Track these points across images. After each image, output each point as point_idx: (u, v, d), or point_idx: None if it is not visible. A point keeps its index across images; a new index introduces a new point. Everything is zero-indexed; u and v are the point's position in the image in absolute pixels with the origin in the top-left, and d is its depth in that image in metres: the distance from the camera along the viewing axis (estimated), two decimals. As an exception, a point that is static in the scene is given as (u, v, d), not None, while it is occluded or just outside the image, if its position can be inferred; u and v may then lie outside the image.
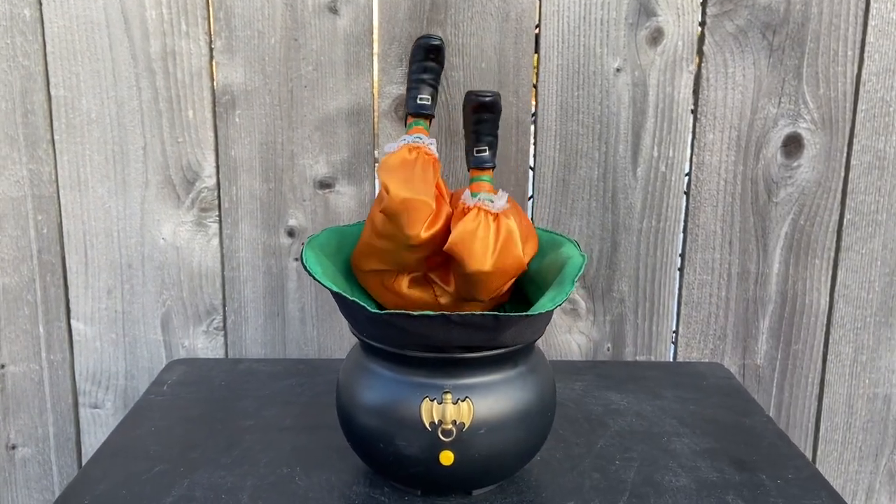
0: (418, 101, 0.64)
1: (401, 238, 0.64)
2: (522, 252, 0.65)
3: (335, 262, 0.68)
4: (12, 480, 1.01)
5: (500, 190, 0.67)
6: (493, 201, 0.65)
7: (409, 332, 0.57)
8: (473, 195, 0.66)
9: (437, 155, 0.65)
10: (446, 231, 0.65)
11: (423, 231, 0.63)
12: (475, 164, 0.68)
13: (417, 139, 0.65)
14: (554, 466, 0.69)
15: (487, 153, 0.68)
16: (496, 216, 0.64)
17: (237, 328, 0.98)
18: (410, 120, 0.68)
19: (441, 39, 0.69)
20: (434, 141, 0.66)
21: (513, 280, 0.68)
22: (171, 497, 0.63)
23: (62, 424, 1.00)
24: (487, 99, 0.67)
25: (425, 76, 0.65)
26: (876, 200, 0.95)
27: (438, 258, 0.69)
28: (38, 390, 0.99)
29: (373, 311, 0.57)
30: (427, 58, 0.68)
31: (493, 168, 0.69)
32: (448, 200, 0.67)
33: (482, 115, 0.67)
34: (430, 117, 0.69)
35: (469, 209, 0.64)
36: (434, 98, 0.69)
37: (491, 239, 0.63)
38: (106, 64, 0.91)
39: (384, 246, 0.66)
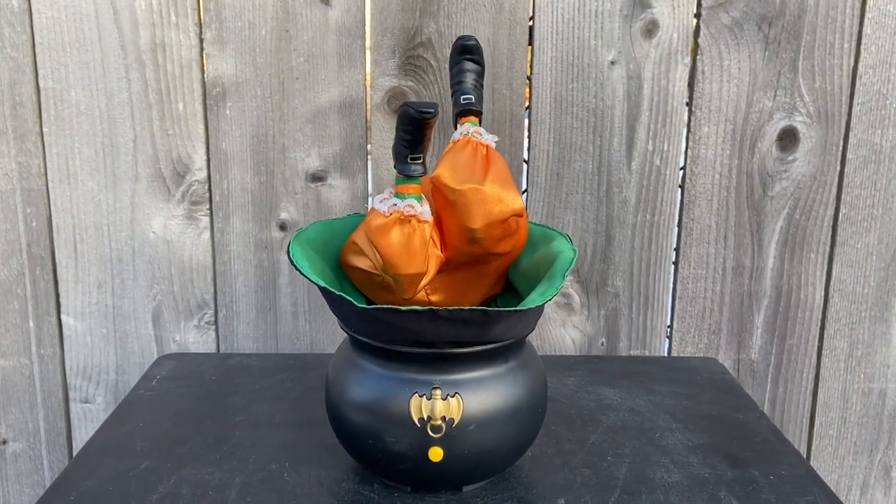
0: (409, 163, 0.63)
1: (397, 292, 0.65)
2: (518, 195, 0.65)
3: (324, 257, 0.68)
4: (3, 475, 1.01)
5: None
6: (481, 134, 0.66)
7: (398, 328, 0.57)
8: (461, 127, 0.67)
9: (430, 220, 0.64)
10: (437, 272, 0.66)
11: (417, 291, 0.65)
12: (462, 109, 0.68)
13: (409, 207, 0.63)
14: (545, 462, 0.69)
15: (473, 98, 0.69)
16: (486, 147, 0.65)
17: (229, 322, 0.97)
18: (400, 175, 0.65)
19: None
20: (427, 207, 0.64)
21: (511, 230, 0.65)
22: (158, 493, 0.62)
23: (53, 419, 0.99)
24: (471, 42, 0.68)
25: (418, 137, 0.63)
26: (872, 195, 0.94)
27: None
28: (28, 385, 0.98)
29: (360, 306, 0.57)
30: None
31: (480, 115, 0.69)
32: (438, 242, 0.67)
33: (466, 64, 0.68)
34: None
35: (457, 141, 0.66)
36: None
37: (480, 163, 0.64)
38: (95, 55, 0.90)
39: (377, 283, 0.66)
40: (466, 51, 0.69)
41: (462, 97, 0.69)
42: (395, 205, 0.63)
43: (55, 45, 0.89)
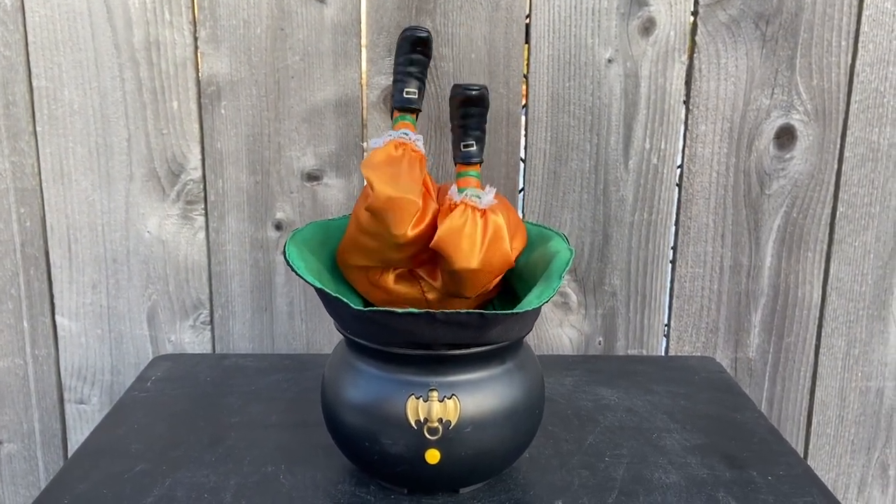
0: (405, 95, 0.62)
1: (386, 236, 0.63)
2: (510, 247, 0.64)
3: (320, 257, 0.67)
4: (-2, 476, 1.00)
5: (488, 186, 0.66)
6: (479, 197, 0.64)
7: (394, 330, 0.56)
8: (460, 191, 0.64)
9: (423, 151, 0.64)
10: (433, 228, 0.64)
11: (409, 230, 0.62)
12: (462, 160, 0.67)
13: (404, 135, 0.63)
14: (542, 463, 0.68)
15: (474, 148, 0.66)
16: (483, 212, 0.63)
17: (224, 323, 0.96)
18: (396, 114, 0.66)
19: (428, 31, 0.67)
20: (421, 137, 0.64)
21: (500, 276, 0.66)
22: (153, 496, 0.62)
23: (48, 420, 0.99)
24: (474, 93, 0.65)
25: (412, 69, 0.63)
26: (869, 193, 0.94)
27: (425, 254, 0.68)
28: (23, 386, 0.98)
29: (356, 308, 0.56)
30: (413, 50, 0.66)
31: (481, 163, 0.67)
32: (435, 196, 0.66)
33: (469, 110, 0.66)
34: (416, 111, 0.67)
35: (456, 205, 0.63)
36: (421, 91, 0.67)
37: (478, 235, 0.62)
38: (88, 54, 0.89)
39: (369, 243, 0.65)
40: (469, 102, 0.67)
41: (463, 145, 0.67)
42: (390, 136, 0.63)
43: (48, 44, 0.89)
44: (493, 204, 0.64)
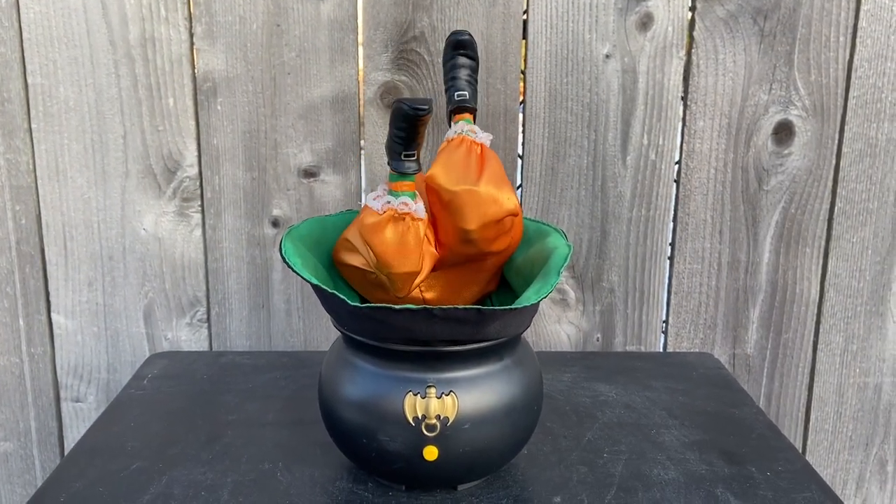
0: (403, 160, 0.61)
1: (389, 288, 0.65)
2: (512, 194, 0.64)
3: (317, 254, 0.67)
4: (-6, 475, 1.00)
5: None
6: (476, 133, 0.65)
7: (392, 326, 0.56)
8: (456, 125, 0.66)
9: (425, 218, 0.63)
10: (431, 270, 0.66)
11: (411, 289, 0.64)
12: (456, 106, 0.67)
13: (403, 205, 0.62)
14: (541, 460, 0.68)
15: (468, 95, 0.67)
16: (481, 146, 0.64)
17: (221, 320, 0.96)
18: (392, 172, 0.63)
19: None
20: (422, 205, 0.63)
21: (506, 229, 0.65)
22: (149, 494, 0.61)
23: (44, 419, 0.98)
24: (465, 37, 0.67)
25: (411, 134, 0.62)
26: (867, 188, 0.94)
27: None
28: (19, 384, 0.97)
29: (353, 304, 0.56)
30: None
31: (475, 112, 0.68)
32: (432, 240, 0.66)
33: (459, 59, 0.67)
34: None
35: (451, 140, 0.65)
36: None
37: (474, 163, 0.63)
38: (84, 51, 0.88)
39: (371, 281, 0.65)
40: (460, 46, 0.68)
41: (456, 94, 0.68)
42: (388, 202, 0.62)
43: (43, 41, 0.88)
44: (490, 138, 0.65)
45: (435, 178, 0.63)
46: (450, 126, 0.68)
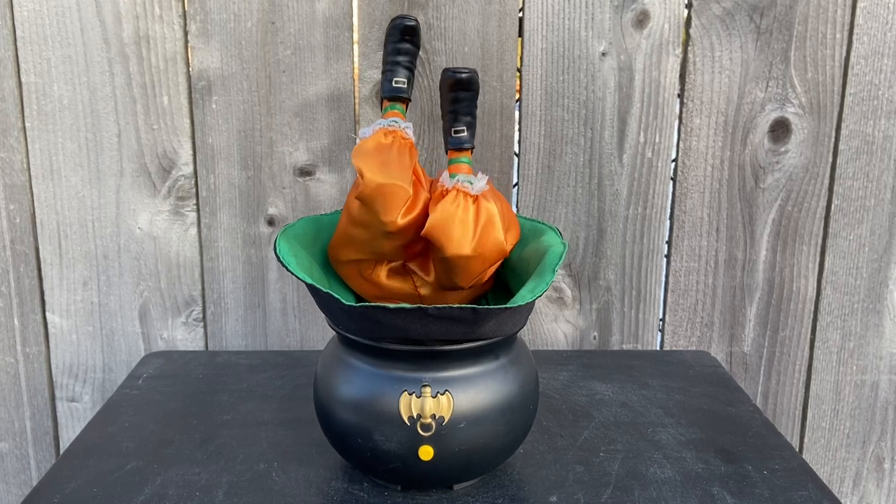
0: (394, 84, 0.62)
1: (377, 225, 0.62)
2: (504, 238, 0.63)
3: (312, 253, 0.67)
4: (-10, 475, 1.00)
5: (480, 173, 0.65)
6: (471, 183, 0.63)
7: (386, 326, 0.56)
8: (452, 177, 0.64)
9: (413, 139, 0.63)
10: (424, 217, 0.63)
11: (399, 217, 0.62)
12: (453, 146, 0.66)
13: (393, 123, 0.62)
14: (537, 459, 0.68)
15: (465, 133, 0.66)
16: (475, 198, 0.63)
17: (217, 319, 0.96)
18: (386, 104, 0.66)
19: (416, 20, 0.66)
20: (410, 125, 0.64)
21: (494, 266, 0.66)
22: (144, 495, 0.61)
23: (39, 418, 0.98)
24: (464, 75, 0.64)
25: (401, 58, 0.63)
26: (864, 186, 0.94)
27: (417, 247, 0.67)
28: (14, 384, 0.97)
29: (348, 303, 0.56)
30: (402, 39, 0.66)
31: (472, 149, 0.67)
32: (426, 187, 0.65)
33: (459, 94, 0.65)
34: (406, 101, 0.67)
35: (447, 191, 0.62)
36: (410, 81, 0.66)
37: (470, 222, 0.62)
38: (77, 49, 0.88)
39: (361, 234, 0.64)
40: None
41: (454, 131, 0.66)
42: (378, 124, 0.62)
43: (37, 39, 0.88)
44: (485, 190, 0.63)
45: (431, 235, 0.62)
46: (447, 153, 0.67)
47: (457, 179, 0.63)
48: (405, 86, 0.63)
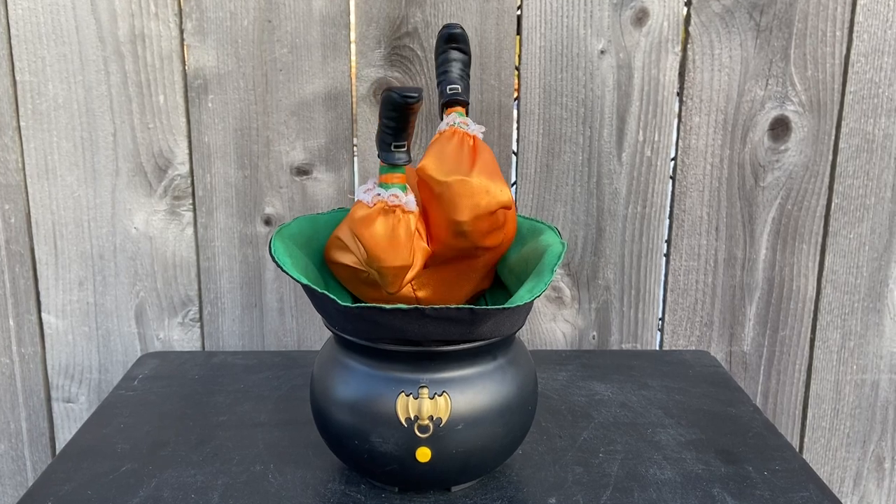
0: (393, 151, 0.60)
1: (382, 286, 0.63)
2: (505, 187, 0.63)
3: (308, 252, 0.66)
4: (-15, 477, 0.99)
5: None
6: (468, 125, 0.64)
7: (383, 326, 0.55)
8: (448, 117, 0.65)
9: (416, 210, 0.62)
10: (424, 267, 0.64)
11: (403, 284, 0.63)
12: (448, 100, 0.66)
13: (393, 197, 0.61)
14: (536, 460, 0.67)
15: (460, 88, 0.67)
16: (473, 138, 0.63)
17: (213, 320, 0.95)
18: (382, 164, 0.62)
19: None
20: (412, 197, 0.62)
21: (499, 223, 0.64)
22: (139, 497, 0.60)
23: (35, 419, 0.97)
24: (457, 30, 0.66)
25: (401, 124, 0.61)
26: (864, 184, 0.93)
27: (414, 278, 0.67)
28: (9, 384, 0.96)
29: (344, 304, 0.55)
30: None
31: (467, 105, 0.67)
32: (424, 232, 0.65)
33: (451, 53, 0.67)
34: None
35: (443, 132, 0.64)
36: (409, 142, 0.66)
37: (467, 154, 0.62)
38: (72, 47, 0.87)
39: (364, 263, 0.64)
40: (452, 39, 0.67)
41: (448, 87, 0.67)
42: (378, 195, 0.61)
43: (31, 37, 0.87)
44: (483, 130, 0.64)
45: (426, 169, 0.62)
46: (441, 120, 0.67)
47: (453, 120, 0.64)
48: (404, 151, 0.61)
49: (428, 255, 0.64)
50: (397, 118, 0.57)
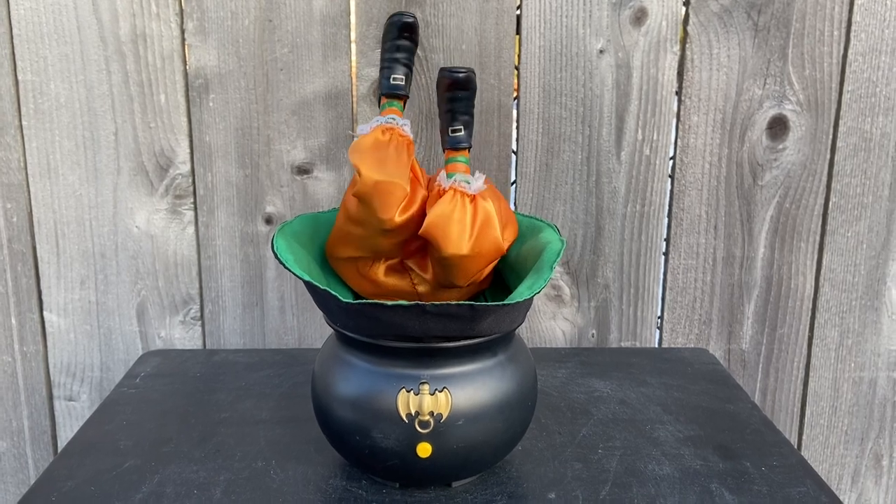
0: (392, 82, 0.62)
1: (374, 222, 0.62)
2: (501, 236, 0.63)
3: (310, 250, 0.66)
4: (-13, 475, 0.99)
5: (477, 172, 0.65)
6: (469, 182, 0.63)
7: (384, 323, 0.56)
8: (449, 176, 0.64)
9: (411, 136, 0.63)
10: (422, 215, 0.63)
11: (397, 215, 0.62)
12: (450, 145, 0.66)
13: (391, 120, 0.62)
14: (535, 456, 0.68)
15: (463, 133, 0.65)
16: (473, 198, 0.62)
17: (215, 318, 0.96)
18: (384, 101, 0.66)
19: (415, 17, 0.66)
20: (408, 122, 0.63)
21: (492, 265, 0.66)
22: (142, 493, 0.61)
23: (37, 417, 0.98)
24: (461, 75, 0.64)
25: (399, 55, 0.62)
26: (862, 183, 0.94)
27: (415, 244, 0.67)
28: (11, 383, 0.97)
29: (345, 300, 0.56)
30: (401, 36, 0.65)
31: (469, 148, 0.66)
32: (424, 184, 0.65)
33: (456, 93, 0.65)
34: (404, 98, 0.67)
35: (444, 191, 0.62)
36: (408, 78, 0.66)
37: (468, 221, 0.62)
38: (74, 47, 0.88)
39: (358, 231, 0.64)
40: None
41: (451, 130, 0.66)
42: (376, 121, 0.62)
43: (33, 37, 0.87)
44: (482, 189, 0.63)
45: (428, 234, 0.62)
46: (444, 152, 0.67)
47: (454, 179, 0.63)
48: (403, 83, 0.62)
49: (425, 200, 0.64)
50: (396, 47, 0.58)
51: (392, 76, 0.61)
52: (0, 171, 0.91)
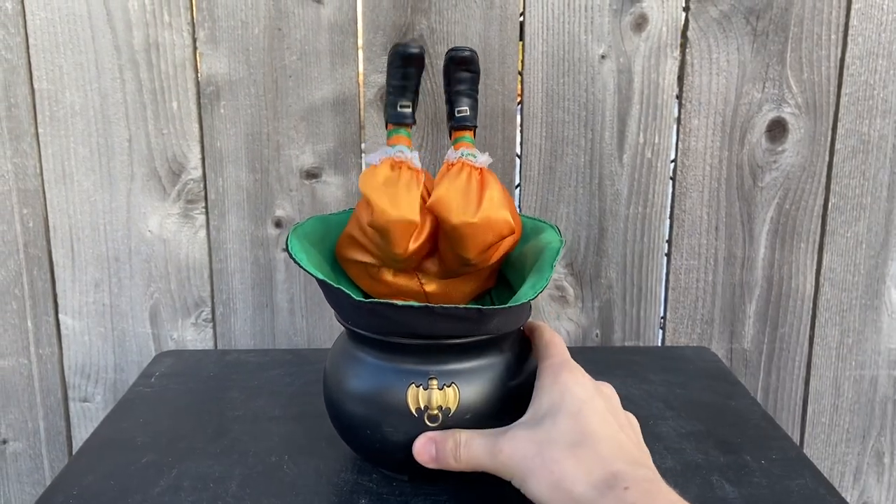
0: (399, 109, 0.62)
1: (388, 250, 0.65)
2: (510, 213, 0.65)
3: (321, 251, 0.68)
4: (4, 475, 1.01)
5: (486, 153, 0.67)
6: (475, 157, 0.65)
7: (394, 321, 0.58)
8: (456, 151, 0.66)
9: (420, 168, 0.65)
10: (433, 239, 0.66)
11: (409, 245, 0.64)
12: (456, 124, 0.67)
13: (399, 153, 0.63)
14: (541, 451, 0.69)
15: (468, 113, 0.67)
16: (480, 170, 0.64)
17: (226, 320, 0.98)
18: (390, 127, 0.67)
19: (421, 48, 0.65)
20: (416, 154, 0.64)
21: (503, 247, 0.66)
22: (160, 487, 0.63)
23: (52, 418, 1.00)
24: (466, 53, 0.65)
25: (406, 83, 0.63)
26: (860, 184, 0.96)
27: (425, 253, 0.69)
28: (27, 384, 0.99)
29: (357, 299, 0.57)
30: (406, 65, 0.66)
31: (475, 129, 0.68)
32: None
33: (461, 74, 0.66)
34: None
35: (452, 164, 0.64)
36: (415, 105, 0.67)
37: (475, 190, 0.63)
38: (89, 56, 0.90)
39: (373, 249, 0.66)
40: (462, 62, 0.66)
41: (457, 110, 0.67)
42: (385, 153, 0.64)
43: (49, 47, 0.90)
44: (490, 162, 0.65)
45: (436, 207, 0.64)
46: (450, 137, 0.69)
47: (461, 153, 0.65)
48: (410, 110, 0.63)
49: (435, 226, 0.65)
50: (403, 69, 0.59)
51: (399, 103, 0.62)
52: (17, 178, 0.93)
